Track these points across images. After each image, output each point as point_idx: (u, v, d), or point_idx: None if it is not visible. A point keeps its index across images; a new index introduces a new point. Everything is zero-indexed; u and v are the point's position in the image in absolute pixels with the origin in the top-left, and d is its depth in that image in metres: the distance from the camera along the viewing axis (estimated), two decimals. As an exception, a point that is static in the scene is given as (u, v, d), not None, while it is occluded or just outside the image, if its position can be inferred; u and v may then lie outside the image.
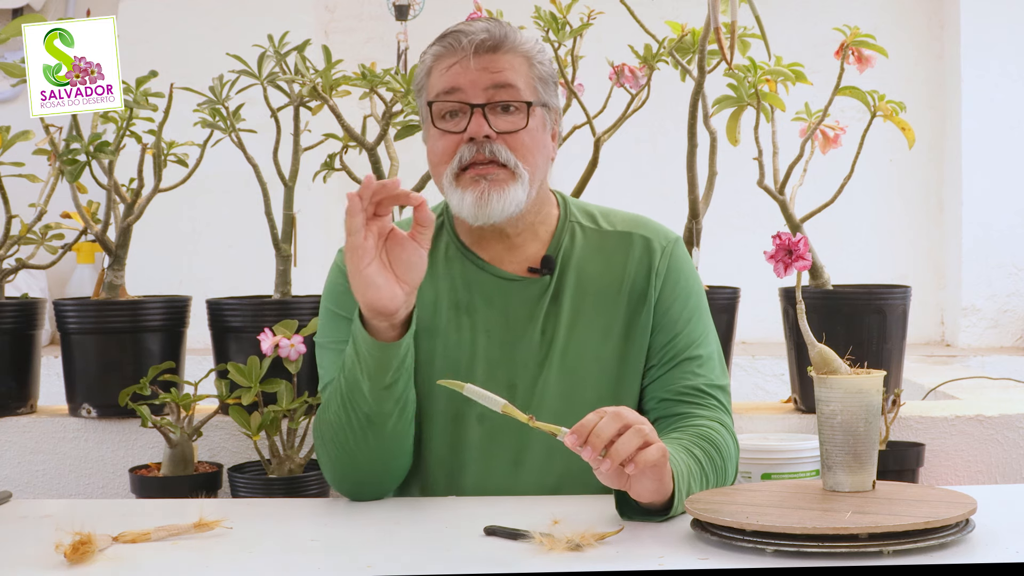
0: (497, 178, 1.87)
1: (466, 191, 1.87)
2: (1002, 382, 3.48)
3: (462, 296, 1.94)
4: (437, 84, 1.90)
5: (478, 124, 1.86)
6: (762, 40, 2.45)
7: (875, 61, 2.56)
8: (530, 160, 1.89)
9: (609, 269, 1.96)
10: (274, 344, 2.35)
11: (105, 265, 2.63)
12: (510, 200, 1.87)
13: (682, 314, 1.95)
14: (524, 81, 1.90)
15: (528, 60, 1.91)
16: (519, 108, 1.89)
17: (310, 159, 2.68)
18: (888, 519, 1.48)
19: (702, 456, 1.80)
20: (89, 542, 1.51)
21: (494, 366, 1.92)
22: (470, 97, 1.88)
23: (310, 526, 1.74)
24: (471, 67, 1.88)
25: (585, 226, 1.99)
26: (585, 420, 1.60)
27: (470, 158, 1.87)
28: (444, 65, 1.90)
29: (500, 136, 1.87)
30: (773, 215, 2.64)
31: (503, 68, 1.88)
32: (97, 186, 2.64)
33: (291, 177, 2.60)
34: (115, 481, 2.57)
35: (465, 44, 1.88)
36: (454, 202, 1.89)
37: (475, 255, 1.96)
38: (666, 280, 1.96)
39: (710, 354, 1.96)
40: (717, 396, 1.93)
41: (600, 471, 1.60)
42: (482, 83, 1.87)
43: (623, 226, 2.00)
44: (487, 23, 1.92)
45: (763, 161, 2.60)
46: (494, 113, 1.88)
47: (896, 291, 2.60)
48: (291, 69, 2.54)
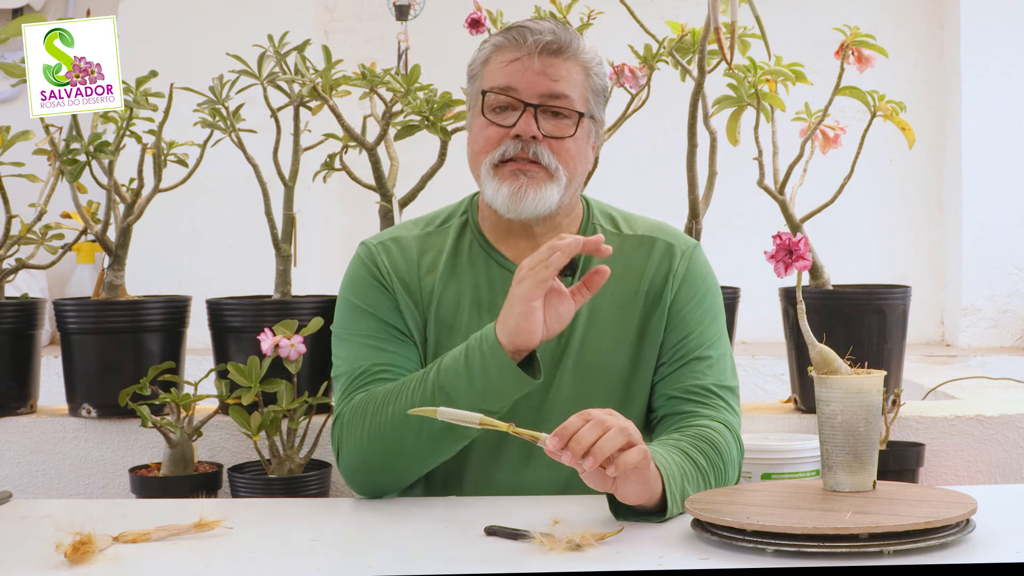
0: (536, 176, 1.90)
1: (503, 183, 1.90)
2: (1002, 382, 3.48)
3: (484, 295, 1.95)
4: (494, 76, 1.92)
5: (527, 124, 1.89)
6: (762, 40, 2.45)
7: (875, 61, 2.56)
8: (571, 166, 1.92)
9: (628, 273, 1.97)
10: (274, 344, 2.35)
11: (105, 265, 2.63)
12: (544, 199, 1.90)
13: (696, 315, 1.96)
14: (579, 92, 1.92)
15: (586, 71, 1.93)
16: (569, 116, 1.91)
17: (310, 159, 2.68)
18: (888, 519, 1.48)
19: (700, 458, 1.80)
20: (89, 542, 1.51)
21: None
22: (524, 96, 1.90)
23: (310, 526, 1.74)
24: (531, 67, 1.89)
25: (607, 230, 2.01)
26: (568, 423, 1.59)
27: (513, 154, 1.90)
28: (505, 58, 1.91)
29: (546, 139, 1.90)
30: (773, 215, 2.64)
31: (561, 76, 1.90)
32: (97, 186, 2.64)
33: (291, 177, 2.60)
34: (115, 481, 2.57)
35: (530, 43, 1.89)
36: (488, 191, 1.92)
37: (498, 253, 1.98)
38: (683, 282, 1.97)
39: (721, 356, 1.96)
40: (725, 397, 1.93)
41: (583, 472, 1.60)
42: (539, 86, 1.90)
43: (644, 231, 2.02)
44: (554, 24, 1.93)
45: (763, 161, 2.60)
46: (544, 116, 1.90)
47: (896, 291, 2.60)
48: (291, 69, 2.54)
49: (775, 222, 2.53)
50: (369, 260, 1.98)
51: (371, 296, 1.95)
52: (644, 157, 4.95)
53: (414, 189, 2.71)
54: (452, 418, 1.66)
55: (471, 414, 1.65)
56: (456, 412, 1.66)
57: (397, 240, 2.01)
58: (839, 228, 4.58)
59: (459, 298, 1.95)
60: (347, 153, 2.70)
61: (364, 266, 1.98)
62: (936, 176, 4.96)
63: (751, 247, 3.09)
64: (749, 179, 2.66)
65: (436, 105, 2.58)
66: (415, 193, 2.71)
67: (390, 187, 2.68)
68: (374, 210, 2.68)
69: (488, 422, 1.64)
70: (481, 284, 1.96)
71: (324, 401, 2.42)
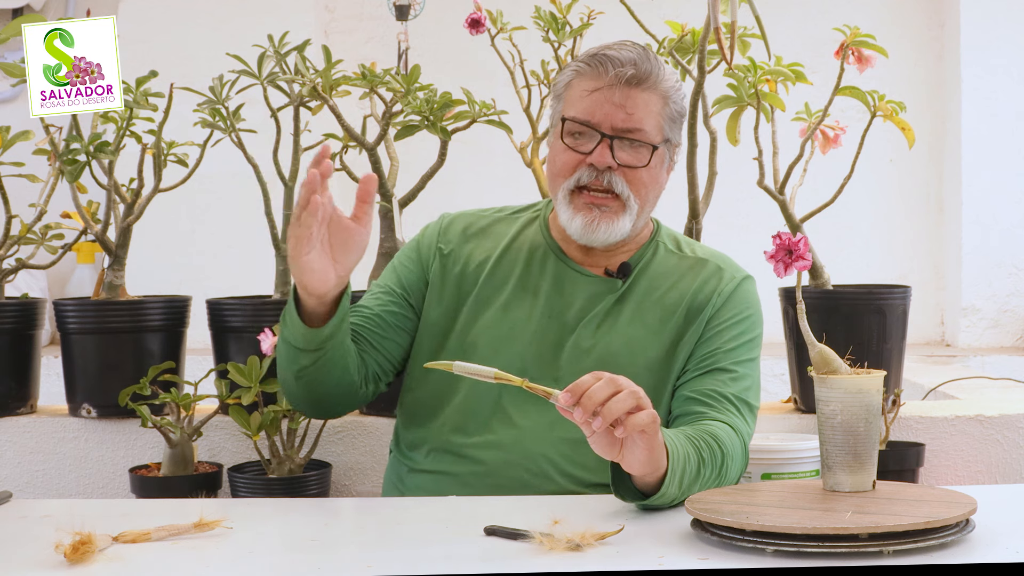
0: (609, 209, 1.98)
1: (577, 213, 1.98)
2: (1002, 382, 3.47)
3: (535, 279, 2.04)
4: (575, 105, 1.98)
5: (602, 154, 1.96)
6: (762, 40, 2.45)
7: (875, 61, 2.56)
8: (643, 194, 2.00)
9: (678, 287, 2.03)
10: (274, 344, 2.35)
11: (105, 265, 2.63)
12: (617, 230, 1.99)
13: (731, 333, 2.00)
14: (655, 122, 1.98)
15: (664, 99, 1.99)
16: (645, 146, 1.97)
17: (310, 159, 2.68)
18: (888, 519, 1.48)
19: (703, 447, 1.80)
20: (89, 542, 1.51)
21: (545, 348, 1.99)
22: (602, 128, 1.96)
23: (310, 526, 1.74)
24: (611, 99, 1.96)
25: (669, 248, 2.09)
26: (580, 381, 1.61)
27: (588, 181, 1.97)
28: (586, 87, 1.98)
29: (620, 168, 1.97)
30: (773, 215, 2.64)
31: (638, 108, 1.96)
32: (97, 186, 2.64)
33: (291, 177, 2.60)
34: (115, 481, 2.57)
35: (612, 75, 1.95)
36: (563, 216, 2.01)
37: (561, 250, 2.07)
38: (727, 303, 2.02)
39: (746, 375, 1.99)
40: (740, 408, 1.95)
41: (591, 432, 1.61)
42: (616, 119, 1.96)
43: (703, 254, 2.09)
44: (636, 53, 1.98)
45: (763, 161, 2.60)
46: (620, 144, 1.96)
47: (896, 291, 2.60)
48: (291, 69, 2.54)
49: (775, 222, 2.53)
50: (430, 227, 2.14)
51: (407, 258, 2.12)
52: (644, 157, 4.94)
53: (414, 189, 2.71)
54: (468, 372, 1.68)
55: (486, 368, 1.67)
56: (471, 366, 1.68)
57: (468, 215, 2.15)
58: (839, 228, 4.58)
59: (507, 278, 2.04)
60: (347, 153, 2.70)
61: (424, 231, 2.15)
62: (936, 176, 4.96)
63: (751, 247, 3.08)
64: (749, 179, 2.66)
65: (436, 105, 2.58)
66: (415, 193, 2.71)
67: (390, 187, 2.67)
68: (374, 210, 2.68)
69: (503, 376, 1.66)
70: (535, 271, 2.04)
71: (324, 401, 2.42)
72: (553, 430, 1.93)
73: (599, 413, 1.59)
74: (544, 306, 2.02)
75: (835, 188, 2.64)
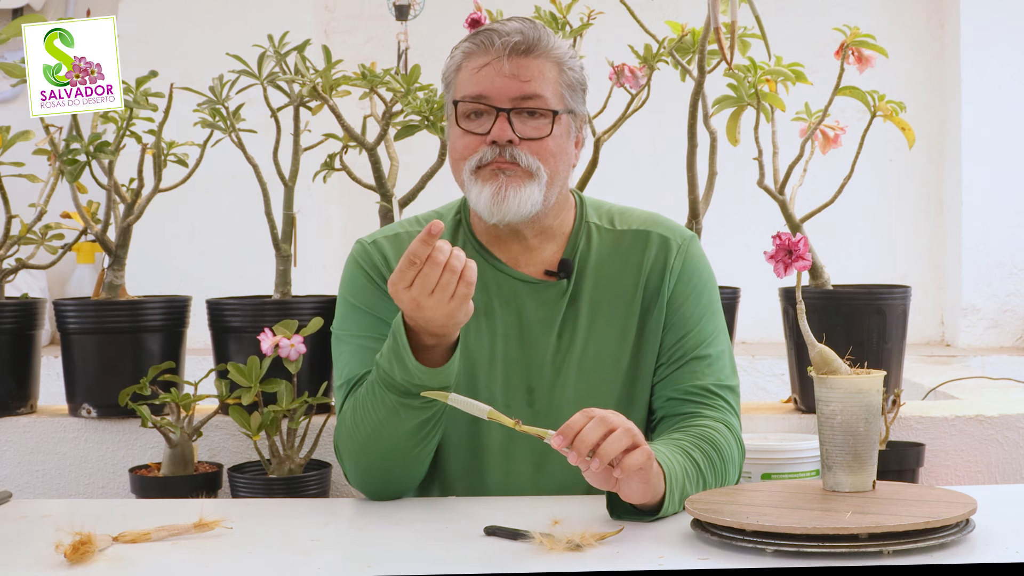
0: (515, 175, 1.87)
1: (485, 184, 1.87)
2: (1002, 382, 3.48)
3: (480, 298, 1.92)
4: (465, 85, 1.89)
5: (502, 129, 1.86)
6: (762, 40, 2.45)
7: (875, 61, 2.56)
8: (551, 164, 1.89)
9: (625, 270, 1.96)
10: (274, 344, 2.35)
11: (105, 265, 2.63)
12: (526, 198, 1.87)
13: (694, 312, 1.95)
14: (552, 89, 1.89)
15: (559, 66, 1.90)
16: (544, 115, 1.88)
17: (310, 159, 2.68)
18: (888, 519, 1.48)
19: (700, 457, 1.80)
20: (89, 542, 1.51)
21: (512, 369, 1.93)
22: (496, 102, 1.87)
23: (310, 526, 1.74)
24: (501, 71, 1.86)
25: (601, 227, 1.99)
26: (571, 422, 1.60)
27: (491, 159, 1.87)
28: (474, 65, 1.89)
29: (523, 141, 1.87)
30: (773, 215, 2.64)
31: (532, 76, 1.87)
32: (97, 186, 2.64)
33: (291, 177, 2.60)
34: (115, 481, 2.57)
35: (498, 45, 1.86)
36: (472, 196, 1.89)
37: (492, 255, 1.97)
38: (680, 277, 1.96)
39: (720, 353, 1.96)
40: (725, 396, 1.93)
41: (588, 472, 1.61)
42: (510, 90, 1.87)
43: (639, 224, 2.00)
44: (521, 24, 1.90)
45: (763, 161, 2.60)
46: (519, 117, 1.88)
47: (896, 291, 2.60)
48: (291, 69, 2.54)
49: (775, 222, 2.53)
50: (363, 258, 1.98)
51: (366, 295, 1.94)
52: (644, 157, 4.95)
53: (414, 189, 2.71)
54: (462, 405, 1.67)
55: (481, 405, 1.66)
56: (465, 400, 1.67)
57: (391, 238, 1.99)
58: (839, 228, 4.57)
59: None
60: (347, 153, 2.70)
61: (358, 265, 1.97)
62: (936, 176, 4.96)
63: (751, 247, 3.09)
64: (749, 179, 2.66)
65: (436, 105, 2.58)
66: (415, 193, 2.71)
67: (390, 187, 2.68)
68: (374, 210, 2.69)
69: (496, 417, 1.65)
70: (476, 288, 1.90)
71: (324, 401, 2.42)
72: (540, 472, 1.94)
73: (595, 455, 1.59)
74: (501, 326, 1.93)
75: (835, 188, 2.64)
